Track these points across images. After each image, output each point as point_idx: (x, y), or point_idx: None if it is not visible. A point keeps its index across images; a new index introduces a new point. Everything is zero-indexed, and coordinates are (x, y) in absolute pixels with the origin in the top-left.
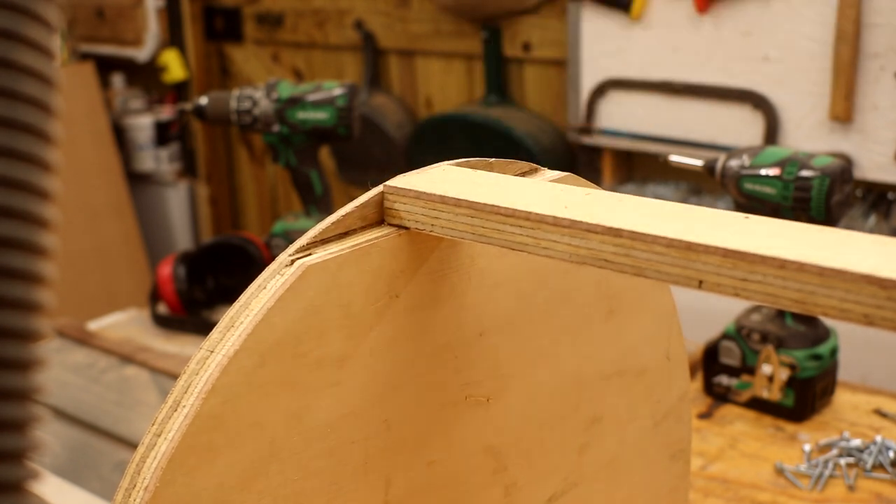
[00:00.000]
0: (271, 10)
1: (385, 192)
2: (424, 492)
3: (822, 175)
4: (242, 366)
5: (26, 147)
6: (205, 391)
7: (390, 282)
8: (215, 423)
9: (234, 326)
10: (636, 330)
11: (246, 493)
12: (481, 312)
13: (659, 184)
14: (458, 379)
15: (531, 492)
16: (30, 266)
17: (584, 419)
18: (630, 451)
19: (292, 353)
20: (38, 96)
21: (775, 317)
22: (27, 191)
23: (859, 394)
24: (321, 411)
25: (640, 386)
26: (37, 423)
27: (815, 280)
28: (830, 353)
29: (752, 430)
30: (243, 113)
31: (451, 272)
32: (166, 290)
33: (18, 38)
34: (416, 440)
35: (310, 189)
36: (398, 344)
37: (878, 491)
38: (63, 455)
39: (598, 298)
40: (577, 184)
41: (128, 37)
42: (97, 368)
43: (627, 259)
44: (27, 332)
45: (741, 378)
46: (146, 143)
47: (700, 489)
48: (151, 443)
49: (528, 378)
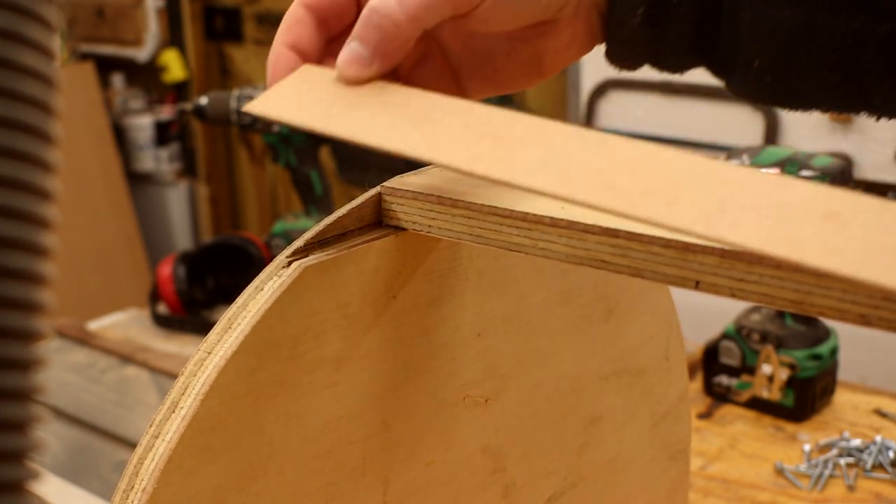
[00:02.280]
0: (271, 10)
1: (382, 193)
2: (423, 492)
3: (822, 175)
4: (240, 367)
5: (26, 147)
6: (202, 393)
7: (388, 283)
8: (213, 425)
9: (231, 328)
10: (635, 330)
11: (244, 495)
12: (479, 313)
13: None
14: (456, 379)
15: (530, 492)
16: (30, 266)
17: (582, 419)
18: (629, 452)
19: (290, 355)
20: (38, 96)
21: (775, 317)
22: (27, 191)
23: (859, 394)
24: (319, 412)
25: (639, 386)
26: (37, 423)
27: (811, 280)
28: (830, 353)
29: (752, 430)
30: (243, 113)
31: (449, 273)
32: (166, 290)
33: (18, 38)
34: (414, 441)
35: (310, 189)
36: (396, 345)
37: (878, 491)
38: (63, 455)
39: (596, 299)
40: None
41: (128, 37)
42: (97, 368)
43: (624, 259)
44: (27, 332)
45: (741, 378)
46: (146, 143)
47: (700, 489)
48: (149, 444)
49: (526, 378)
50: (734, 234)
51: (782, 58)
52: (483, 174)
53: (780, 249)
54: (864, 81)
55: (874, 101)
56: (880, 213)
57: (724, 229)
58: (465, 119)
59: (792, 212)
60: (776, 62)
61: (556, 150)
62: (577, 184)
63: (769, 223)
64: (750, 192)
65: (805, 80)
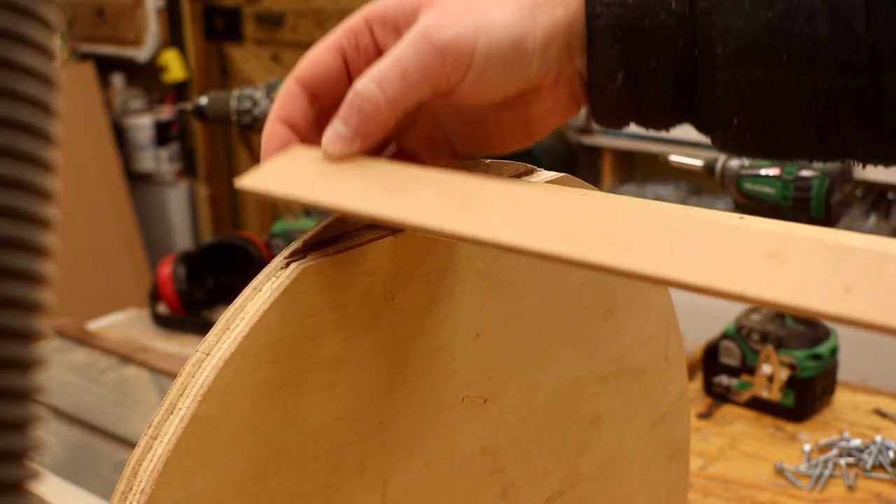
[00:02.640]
0: (271, 10)
1: None
2: (421, 493)
3: (822, 175)
4: (238, 368)
5: (26, 147)
6: (200, 394)
7: (386, 283)
8: (211, 426)
9: (229, 329)
10: (634, 330)
11: (242, 496)
12: (478, 313)
13: (659, 184)
14: (454, 380)
15: (529, 492)
16: (30, 266)
17: (581, 419)
18: (629, 452)
19: (288, 356)
20: (38, 96)
21: (775, 317)
22: (27, 191)
23: (859, 394)
24: (317, 413)
25: (639, 386)
26: (37, 423)
27: None
28: (830, 353)
29: (752, 430)
30: (243, 113)
31: (448, 273)
32: (166, 290)
33: (18, 38)
34: (412, 441)
35: None
36: (394, 345)
37: (878, 491)
38: (63, 455)
39: (595, 299)
40: (573, 185)
41: (128, 37)
42: (97, 368)
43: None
44: (27, 332)
45: (741, 378)
46: (146, 143)
47: (700, 489)
48: (147, 446)
49: (525, 379)
50: (681, 273)
51: (759, 116)
52: (451, 231)
53: (722, 284)
54: (841, 134)
55: (856, 151)
56: (818, 250)
57: (672, 269)
58: (438, 186)
59: (736, 252)
60: (753, 120)
61: (520, 208)
62: (538, 235)
63: (714, 262)
64: (697, 237)
65: (784, 135)
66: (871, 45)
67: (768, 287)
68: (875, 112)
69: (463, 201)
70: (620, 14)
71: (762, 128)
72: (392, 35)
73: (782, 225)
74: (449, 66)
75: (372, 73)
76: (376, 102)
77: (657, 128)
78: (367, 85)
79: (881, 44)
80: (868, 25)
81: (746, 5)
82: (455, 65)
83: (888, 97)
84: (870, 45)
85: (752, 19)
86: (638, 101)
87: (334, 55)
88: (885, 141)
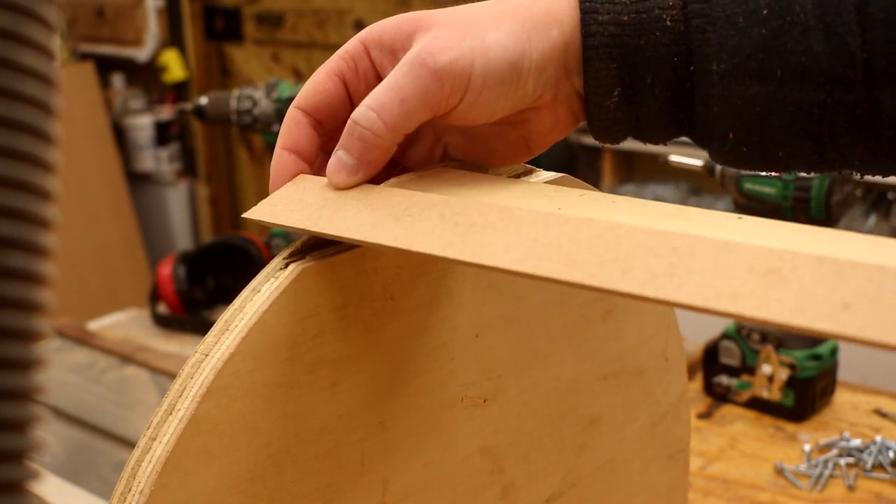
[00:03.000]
0: (271, 10)
1: None
2: (421, 493)
3: (823, 175)
4: (237, 369)
5: (26, 147)
6: (199, 395)
7: (386, 284)
8: (210, 427)
9: (228, 329)
10: (633, 330)
11: (242, 497)
12: (477, 314)
13: (659, 184)
14: (454, 380)
15: (529, 492)
16: (30, 266)
17: (581, 420)
18: (628, 452)
19: (287, 356)
20: (38, 96)
21: None
22: (27, 191)
23: (859, 394)
24: (317, 413)
25: (638, 386)
26: (37, 423)
27: None
28: (830, 353)
29: (752, 430)
30: (243, 113)
31: (447, 274)
32: (166, 290)
33: (18, 38)
34: (412, 441)
35: None
36: (394, 346)
37: (878, 491)
38: (63, 455)
39: (594, 299)
40: (572, 185)
41: (128, 37)
42: (97, 368)
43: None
44: (27, 332)
45: (741, 378)
46: (146, 143)
47: (700, 489)
48: (146, 446)
49: (524, 379)
50: (680, 295)
51: (755, 130)
52: (455, 258)
53: (720, 305)
54: (838, 147)
55: (853, 163)
56: (817, 265)
57: (672, 291)
58: (442, 211)
59: (735, 271)
60: (749, 134)
61: (523, 233)
62: (540, 260)
63: (713, 282)
64: (697, 258)
65: (781, 149)
66: (865, 60)
67: (767, 307)
68: (871, 125)
69: (467, 227)
70: (616, 32)
71: (759, 142)
72: (389, 58)
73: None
74: (447, 90)
75: (370, 101)
76: (376, 130)
77: (654, 142)
78: (366, 113)
79: (875, 58)
80: (862, 41)
81: (740, 22)
82: (453, 88)
83: (883, 111)
84: (864, 59)
85: (747, 36)
86: (635, 116)
87: (334, 80)
88: (882, 153)
